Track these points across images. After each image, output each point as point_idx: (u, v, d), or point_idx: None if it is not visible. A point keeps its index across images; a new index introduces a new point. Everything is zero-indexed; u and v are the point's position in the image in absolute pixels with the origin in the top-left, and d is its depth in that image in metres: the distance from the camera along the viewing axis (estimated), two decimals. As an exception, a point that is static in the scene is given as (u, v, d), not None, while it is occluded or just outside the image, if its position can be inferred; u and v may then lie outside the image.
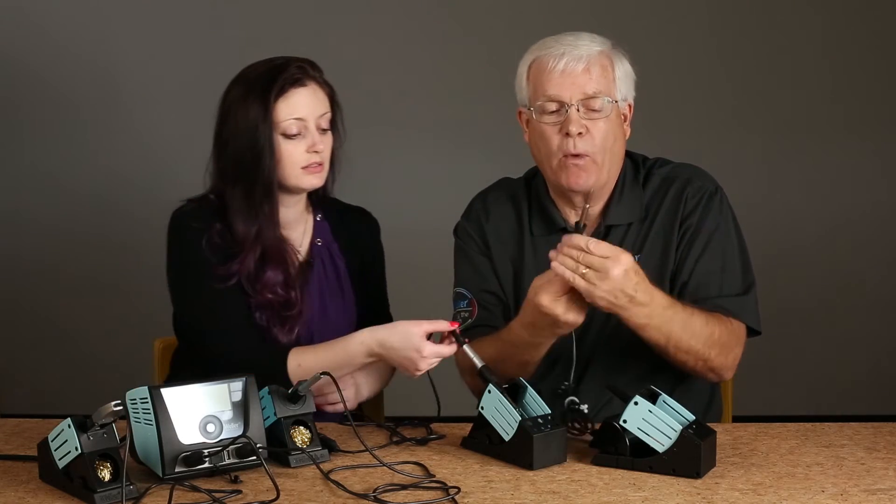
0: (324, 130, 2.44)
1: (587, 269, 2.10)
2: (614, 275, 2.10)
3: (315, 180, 2.45)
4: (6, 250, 4.67)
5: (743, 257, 2.42)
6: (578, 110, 2.33)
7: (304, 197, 2.53)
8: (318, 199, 2.58)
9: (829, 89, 4.62)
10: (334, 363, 2.32)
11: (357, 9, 4.59)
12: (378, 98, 4.54)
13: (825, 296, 4.61)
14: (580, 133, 2.32)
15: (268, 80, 2.40)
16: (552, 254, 2.14)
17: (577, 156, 2.34)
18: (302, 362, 2.35)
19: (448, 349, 2.25)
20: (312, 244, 2.56)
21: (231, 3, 4.60)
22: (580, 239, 2.12)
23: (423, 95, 4.61)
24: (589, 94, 2.33)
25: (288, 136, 2.41)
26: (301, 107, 2.41)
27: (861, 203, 4.64)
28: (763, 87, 4.61)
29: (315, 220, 2.58)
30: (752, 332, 2.38)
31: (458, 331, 2.25)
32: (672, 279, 2.39)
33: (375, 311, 2.59)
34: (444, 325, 2.25)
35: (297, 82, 2.41)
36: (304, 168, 2.42)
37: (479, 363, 2.17)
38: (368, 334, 2.32)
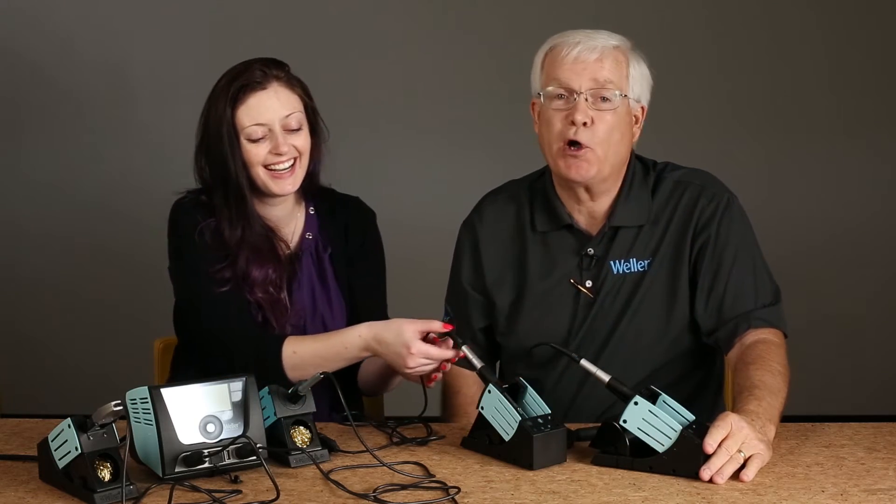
0: (293, 130, 2.44)
1: (738, 452, 1.97)
2: (747, 432, 1.97)
3: (287, 186, 2.45)
4: (8, 251, 4.67)
5: (765, 264, 2.43)
6: (587, 100, 2.32)
7: (289, 195, 2.52)
8: (312, 191, 2.57)
9: (830, 90, 4.61)
10: (329, 354, 2.33)
11: (362, 11, 4.59)
12: (381, 99, 4.55)
13: (826, 296, 4.62)
14: (585, 123, 2.31)
15: (227, 89, 2.43)
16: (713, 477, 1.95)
17: (578, 147, 2.33)
18: (297, 350, 2.36)
19: (437, 351, 2.23)
20: (303, 238, 2.56)
21: (240, 4, 4.60)
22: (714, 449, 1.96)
23: (426, 96, 4.61)
24: (599, 84, 2.32)
25: (252, 141, 2.42)
26: (262, 111, 2.42)
27: (862, 205, 4.64)
28: (764, 88, 4.61)
29: (308, 213, 2.58)
30: None
31: (454, 333, 2.24)
32: (706, 294, 2.37)
33: (368, 305, 2.57)
34: (437, 326, 2.25)
35: (257, 86, 2.42)
36: (269, 170, 2.43)
37: (477, 364, 2.17)
38: (366, 329, 2.32)
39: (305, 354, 2.34)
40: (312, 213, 2.58)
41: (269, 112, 2.42)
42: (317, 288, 2.55)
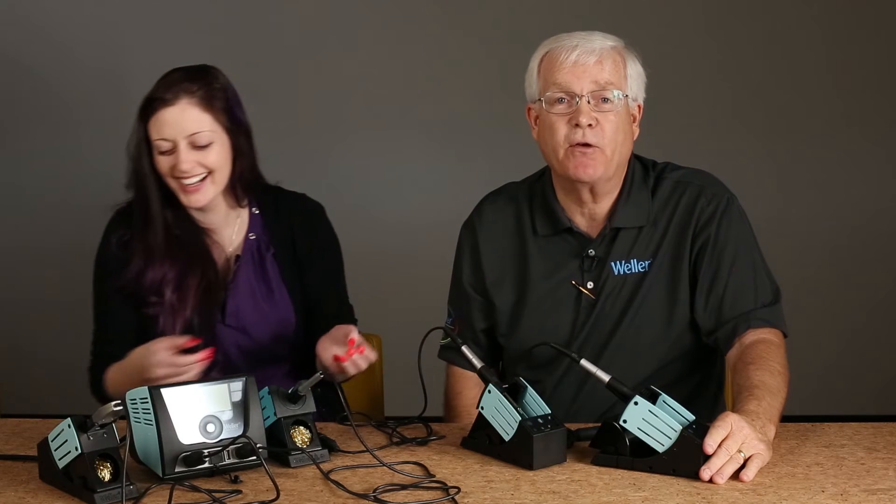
0: (201, 147, 2.44)
1: (738, 453, 1.97)
2: (747, 432, 1.98)
3: (196, 199, 2.47)
4: (7, 252, 4.68)
5: (765, 263, 2.43)
6: (589, 102, 2.32)
7: (219, 200, 2.53)
8: (256, 192, 2.57)
9: (833, 88, 4.60)
10: (129, 372, 2.36)
11: (361, 11, 4.59)
12: (381, 99, 4.55)
13: (826, 296, 4.61)
14: (590, 125, 2.31)
15: (146, 97, 2.47)
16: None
17: (585, 145, 2.32)
18: (112, 376, 2.46)
19: (177, 358, 2.25)
20: (245, 239, 2.56)
21: (238, 7, 4.60)
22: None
23: (426, 96, 4.61)
24: (600, 86, 2.32)
25: (161, 153, 2.45)
26: (167, 126, 2.44)
27: (863, 205, 4.63)
28: (766, 88, 4.60)
29: (251, 212, 2.58)
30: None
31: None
32: (706, 294, 2.37)
33: (327, 301, 2.56)
34: (182, 340, 2.30)
35: (165, 102, 2.43)
36: (178, 181, 2.45)
37: (477, 364, 2.17)
38: (139, 348, 2.38)
39: (117, 378, 2.43)
40: (257, 213, 2.58)
41: (174, 128, 2.43)
42: (257, 289, 2.54)
